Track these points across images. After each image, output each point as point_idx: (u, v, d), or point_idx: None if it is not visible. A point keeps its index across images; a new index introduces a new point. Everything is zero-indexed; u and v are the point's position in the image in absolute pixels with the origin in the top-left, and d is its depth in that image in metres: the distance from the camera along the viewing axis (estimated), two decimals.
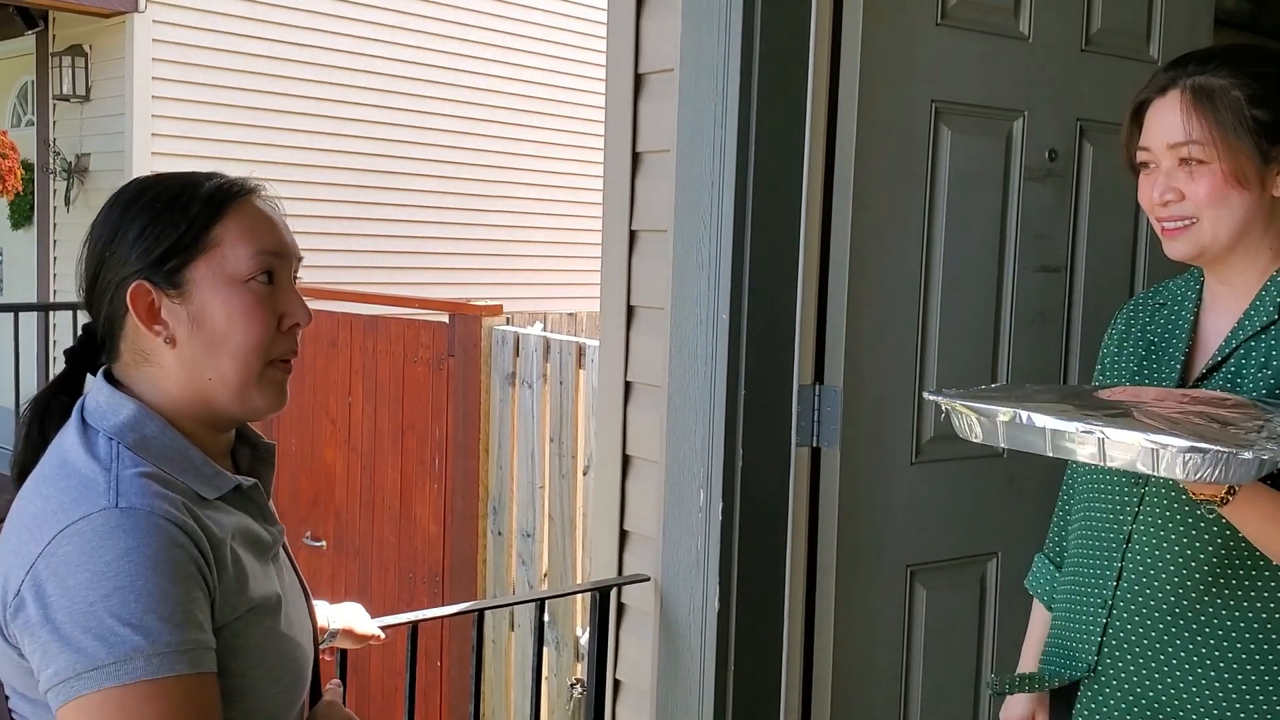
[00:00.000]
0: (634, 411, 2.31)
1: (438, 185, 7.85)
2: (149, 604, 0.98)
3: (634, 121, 2.26)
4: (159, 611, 0.99)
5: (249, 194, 1.20)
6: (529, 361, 4.54)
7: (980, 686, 2.32)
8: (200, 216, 1.14)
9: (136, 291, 1.12)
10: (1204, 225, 1.39)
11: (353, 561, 5.38)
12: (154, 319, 1.13)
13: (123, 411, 1.11)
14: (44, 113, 7.15)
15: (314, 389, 5.52)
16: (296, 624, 1.19)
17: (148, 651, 0.97)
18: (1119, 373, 1.57)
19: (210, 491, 1.12)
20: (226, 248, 1.15)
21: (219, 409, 1.16)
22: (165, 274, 1.13)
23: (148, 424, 1.11)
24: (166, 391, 1.14)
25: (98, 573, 0.98)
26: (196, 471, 1.12)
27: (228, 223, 1.15)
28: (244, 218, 1.17)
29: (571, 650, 4.28)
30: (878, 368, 2.11)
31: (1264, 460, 1.13)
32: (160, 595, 0.99)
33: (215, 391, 1.15)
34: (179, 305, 1.13)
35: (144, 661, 0.97)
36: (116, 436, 1.09)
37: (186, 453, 1.12)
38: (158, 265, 1.13)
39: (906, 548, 2.17)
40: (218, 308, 1.14)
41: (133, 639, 0.97)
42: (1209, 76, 1.39)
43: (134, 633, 0.97)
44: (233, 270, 1.14)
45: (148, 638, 0.98)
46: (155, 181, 1.18)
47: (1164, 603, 1.40)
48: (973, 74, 2.17)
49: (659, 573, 2.16)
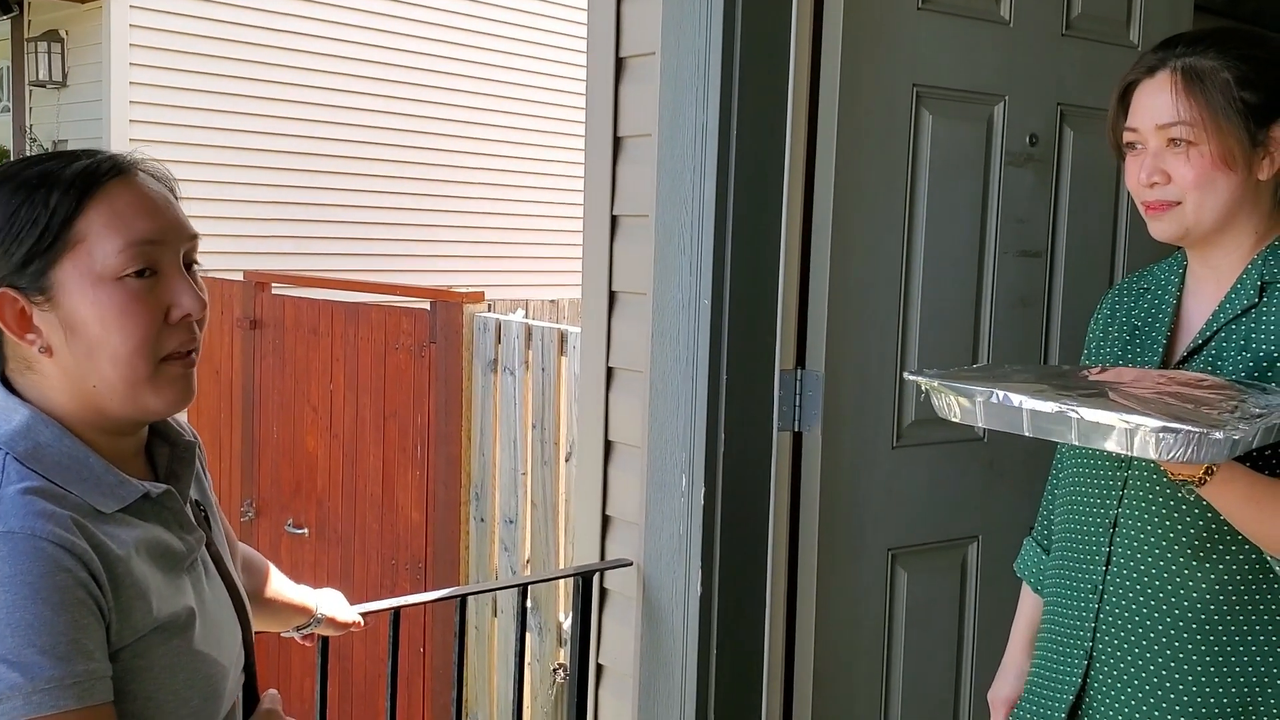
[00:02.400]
0: (616, 397, 2.31)
1: (419, 172, 7.82)
2: (28, 637, 0.91)
3: (615, 106, 2.25)
4: (39, 644, 0.91)
5: (120, 175, 1.06)
6: (511, 348, 4.54)
7: (961, 668, 2.33)
8: (60, 209, 1.02)
9: (3, 300, 1.02)
10: (1188, 207, 1.40)
11: (335, 549, 5.37)
12: (25, 328, 1.03)
13: (14, 419, 1.03)
14: (20, 99, 7.09)
15: (295, 376, 5.50)
16: (213, 638, 1.11)
17: (27, 690, 0.91)
18: (1104, 356, 1.58)
19: (110, 504, 1.03)
20: (93, 242, 1.02)
21: (111, 415, 1.07)
22: (29, 278, 1.02)
23: (41, 431, 1.03)
24: (55, 399, 1.05)
25: None
26: (96, 481, 1.03)
27: (91, 214, 1.03)
28: (113, 205, 1.04)
29: (554, 636, 4.28)
30: (859, 353, 2.11)
31: (1235, 440, 1.14)
32: (41, 626, 0.92)
33: (102, 397, 1.05)
34: (48, 312, 1.03)
35: (23, 700, 0.90)
36: (6, 446, 1.01)
37: (85, 461, 1.03)
38: (19, 270, 1.02)
39: (887, 531, 2.18)
40: (88, 311, 1.02)
41: (9, 676, 0.90)
42: (1198, 58, 1.39)
43: (10, 670, 0.90)
44: (101, 268, 1.02)
45: (26, 674, 0.91)
46: (19, 169, 1.05)
47: (1151, 584, 1.41)
48: (954, 58, 2.17)
49: (641, 557, 2.17)
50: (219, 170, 6.56)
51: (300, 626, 1.62)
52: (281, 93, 7.12)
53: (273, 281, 5.65)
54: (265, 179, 6.97)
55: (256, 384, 5.64)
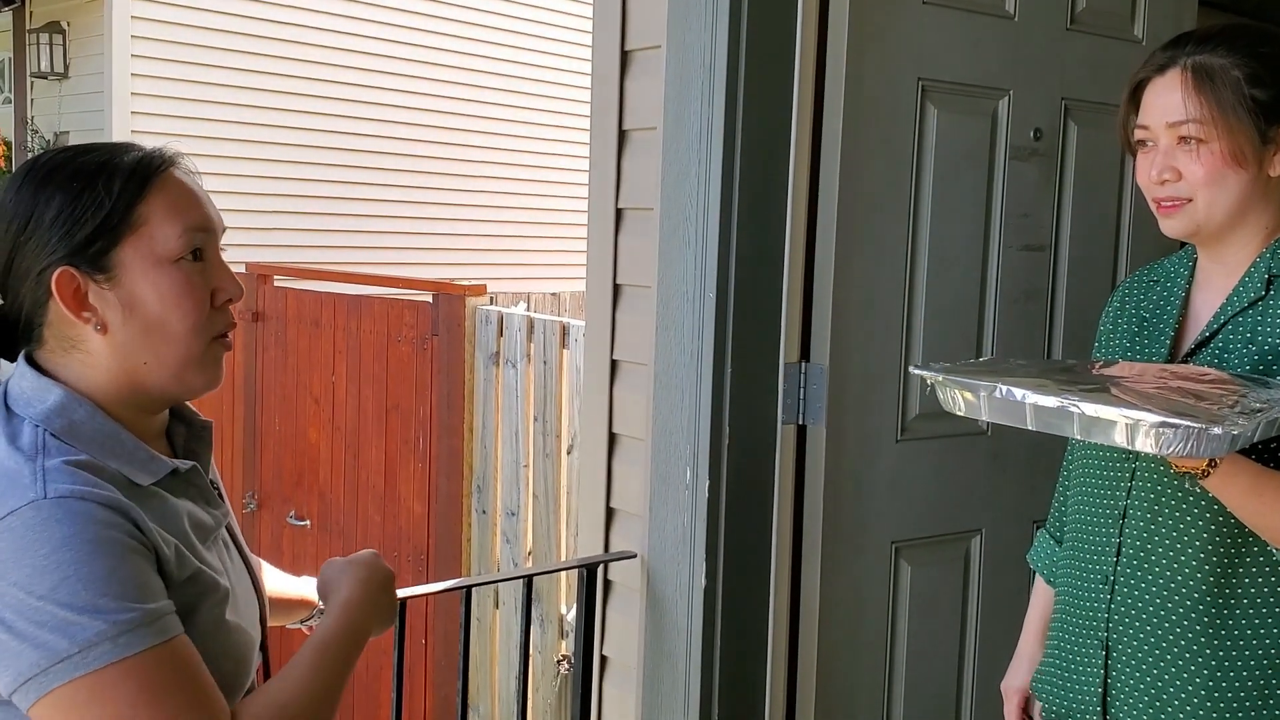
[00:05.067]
0: (620, 390, 2.31)
1: (422, 165, 7.82)
2: (100, 588, 0.96)
3: (620, 99, 2.25)
4: (112, 592, 0.96)
5: (171, 166, 1.13)
6: (513, 341, 4.54)
7: (964, 661, 2.34)
8: (124, 194, 1.07)
9: (62, 279, 1.06)
10: (1199, 204, 1.40)
11: (337, 541, 5.38)
12: (82, 306, 1.07)
13: (49, 398, 1.06)
14: (22, 90, 7.09)
15: (297, 368, 5.51)
16: (240, 609, 1.16)
17: (111, 634, 0.95)
18: (1113, 348, 1.60)
19: (145, 477, 1.08)
20: (154, 226, 1.08)
21: (154, 392, 1.11)
22: (90, 258, 1.07)
23: (76, 409, 1.06)
24: (95, 378, 1.09)
25: (39, 566, 0.95)
26: (130, 456, 1.08)
27: (153, 199, 1.09)
28: (169, 193, 1.10)
29: (556, 628, 4.29)
30: (863, 346, 2.12)
31: (1235, 435, 1.15)
32: (108, 576, 0.97)
33: (151, 375, 1.10)
34: (108, 290, 1.07)
35: (110, 644, 0.95)
36: (43, 424, 1.05)
37: (118, 436, 1.08)
38: (82, 249, 1.06)
39: (891, 524, 2.19)
40: (149, 290, 1.08)
41: (93, 624, 0.95)
42: (1209, 56, 1.39)
43: (92, 618, 0.95)
44: (162, 250, 1.08)
45: (108, 620, 0.96)
46: (69, 157, 1.10)
47: (1162, 575, 1.42)
48: (959, 52, 2.18)
49: (645, 550, 2.17)
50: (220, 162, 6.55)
51: (304, 618, 1.63)
52: (282, 85, 7.12)
53: (275, 274, 5.65)
54: (267, 171, 6.96)
55: (259, 376, 5.65)
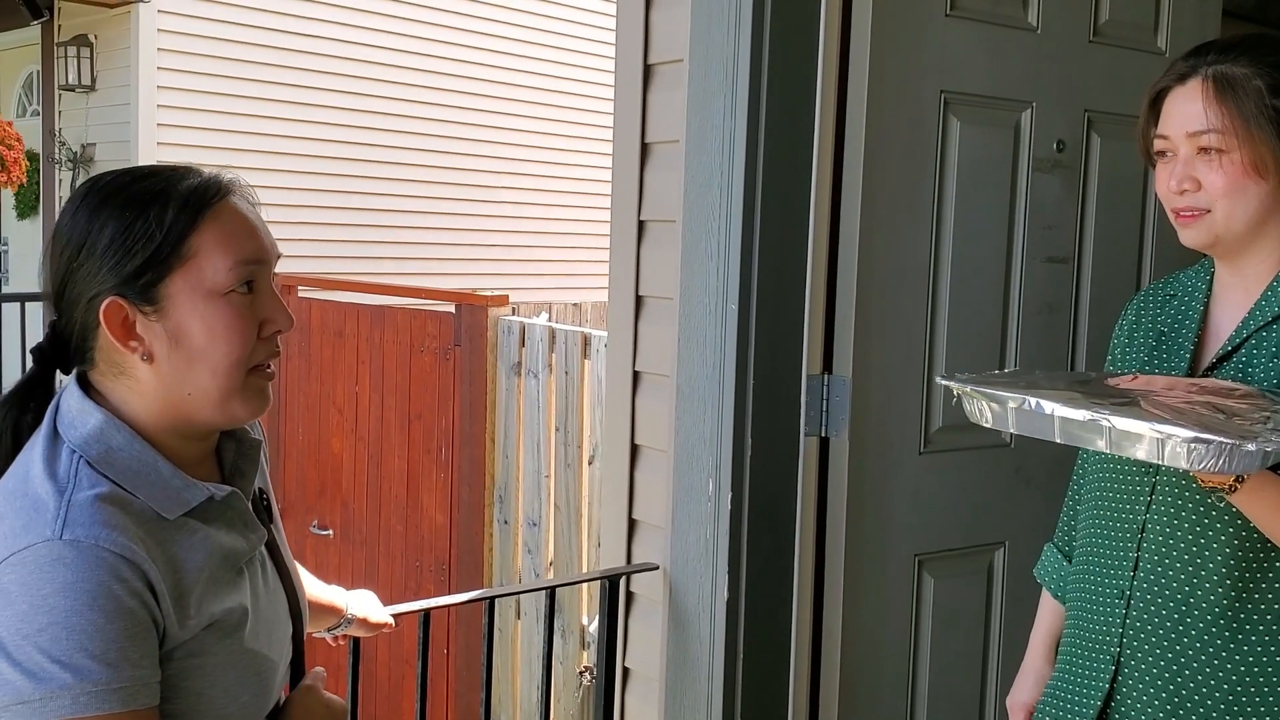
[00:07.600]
0: (642, 401, 2.32)
1: (444, 176, 7.85)
2: (80, 642, 0.96)
3: (643, 112, 2.26)
4: (91, 649, 0.96)
5: (227, 195, 1.12)
6: (534, 351, 4.56)
7: (987, 674, 2.33)
8: (175, 226, 1.06)
9: (110, 309, 1.06)
10: (1218, 215, 1.40)
11: (359, 550, 5.40)
12: (129, 335, 1.07)
13: (90, 421, 1.07)
14: (49, 103, 7.15)
15: (321, 379, 5.54)
16: (264, 635, 1.16)
17: (75, 690, 0.95)
18: (1129, 363, 1.58)
19: (174, 509, 1.07)
20: (204, 259, 1.07)
21: (198, 421, 1.11)
22: (139, 289, 1.06)
23: (114, 435, 1.07)
24: (140, 404, 1.09)
25: (35, 605, 0.96)
26: (163, 486, 1.07)
27: (205, 231, 1.08)
28: (223, 224, 1.09)
29: (577, 638, 4.30)
30: (886, 358, 2.11)
31: (1268, 452, 1.14)
32: (94, 632, 0.96)
33: (195, 405, 1.10)
34: (155, 322, 1.07)
35: (70, 700, 0.95)
36: (80, 449, 1.05)
37: (154, 465, 1.07)
38: (132, 280, 1.06)
39: (914, 537, 2.18)
40: (196, 324, 1.07)
41: (60, 676, 0.95)
42: (1230, 65, 1.38)
43: (62, 670, 0.95)
44: (211, 283, 1.08)
45: (76, 675, 0.96)
46: (126, 182, 1.09)
47: (1180, 590, 1.40)
48: (981, 65, 2.18)
49: (668, 561, 2.17)
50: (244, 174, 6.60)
51: (331, 627, 1.64)
52: (307, 97, 7.17)
53: (299, 284, 5.69)
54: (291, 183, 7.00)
55: (282, 386, 5.68)
